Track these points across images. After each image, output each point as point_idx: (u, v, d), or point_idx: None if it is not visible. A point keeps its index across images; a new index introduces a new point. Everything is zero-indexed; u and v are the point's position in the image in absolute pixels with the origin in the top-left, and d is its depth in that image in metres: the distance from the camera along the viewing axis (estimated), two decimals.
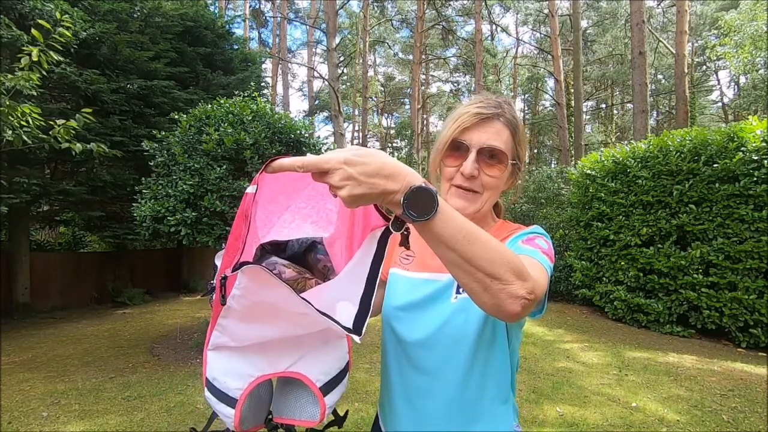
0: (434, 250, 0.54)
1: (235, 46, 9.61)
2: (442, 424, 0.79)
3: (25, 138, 3.75)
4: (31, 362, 4.39)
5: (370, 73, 27.37)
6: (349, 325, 0.62)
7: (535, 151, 33.00)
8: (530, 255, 0.70)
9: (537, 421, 2.85)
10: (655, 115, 26.18)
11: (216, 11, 11.50)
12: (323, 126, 32.15)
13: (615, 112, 28.67)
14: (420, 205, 0.50)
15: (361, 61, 24.00)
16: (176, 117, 4.83)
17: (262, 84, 11.91)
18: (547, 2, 17.53)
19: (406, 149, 26.58)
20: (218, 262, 0.77)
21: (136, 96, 6.90)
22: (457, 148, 0.78)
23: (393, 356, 0.86)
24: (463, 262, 0.53)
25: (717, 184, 4.52)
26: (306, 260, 0.90)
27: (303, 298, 0.61)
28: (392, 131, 32.88)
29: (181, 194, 4.08)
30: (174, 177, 4.26)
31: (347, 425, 2.47)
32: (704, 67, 24.31)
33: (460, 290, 0.78)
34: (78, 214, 8.48)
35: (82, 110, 3.99)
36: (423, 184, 0.51)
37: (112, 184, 6.89)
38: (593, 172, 5.89)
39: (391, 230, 0.58)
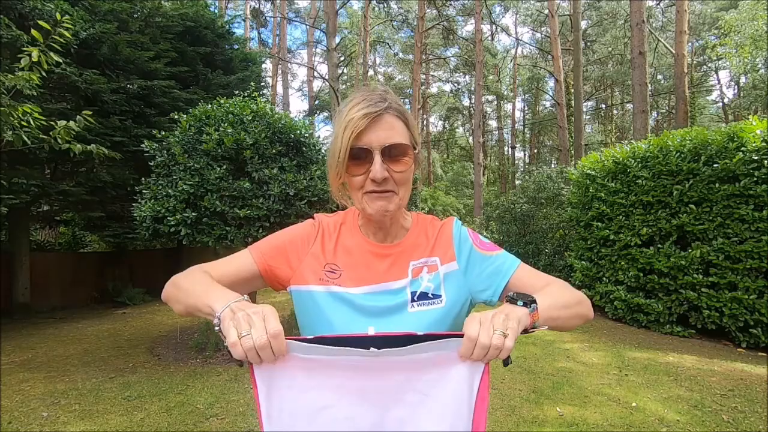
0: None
1: (235, 46, 9.60)
2: None
3: (25, 138, 3.75)
4: (31, 362, 4.39)
5: (370, 73, 27.37)
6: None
7: (535, 151, 33.01)
8: (514, 264, 0.83)
9: (537, 421, 2.85)
10: (655, 115, 26.19)
11: (216, 11, 11.50)
12: (323, 126, 32.14)
13: (615, 112, 28.70)
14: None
15: (361, 61, 23.99)
16: (176, 117, 4.82)
17: (262, 84, 11.91)
18: (547, 2, 17.52)
19: None
20: None
21: (136, 96, 6.89)
22: (357, 155, 0.73)
23: None
24: (569, 320, 0.76)
25: (717, 184, 4.51)
26: None
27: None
28: None
29: (181, 194, 4.08)
30: (174, 177, 4.26)
31: None
32: (704, 67, 24.32)
33: (415, 298, 0.77)
34: (78, 214, 8.48)
35: (83, 112, 3.98)
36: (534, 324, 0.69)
37: (112, 184, 6.89)
38: (593, 172, 5.88)
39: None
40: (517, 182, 25.47)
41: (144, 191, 4.37)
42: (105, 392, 3.50)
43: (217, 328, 0.61)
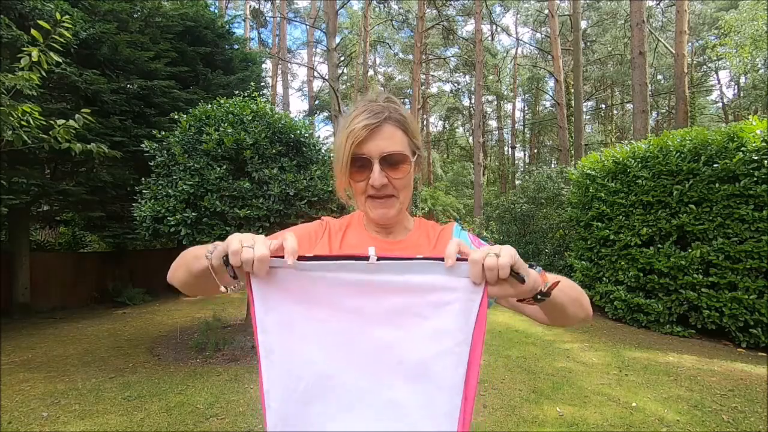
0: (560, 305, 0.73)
1: (235, 46, 9.60)
2: None
3: (25, 138, 3.75)
4: (31, 362, 4.39)
5: (370, 73, 27.37)
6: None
7: (535, 151, 33.00)
8: None
9: (537, 421, 2.85)
10: (655, 115, 26.18)
11: (216, 11, 11.50)
12: (323, 126, 32.17)
13: (615, 112, 28.68)
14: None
15: (361, 61, 24.00)
16: (176, 117, 4.82)
17: (262, 84, 11.91)
18: (547, 2, 17.53)
19: None
20: None
21: (136, 96, 6.89)
22: (358, 163, 0.79)
23: None
24: (574, 303, 0.76)
25: (717, 184, 4.51)
26: None
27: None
28: None
29: (181, 194, 4.08)
30: (174, 177, 4.26)
31: None
32: (704, 67, 24.31)
33: None
34: (78, 214, 8.48)
35: (82, 110, 3.98)
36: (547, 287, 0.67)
37: (112, 184, 6.89)
38: (593, 172, 5.88)
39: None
40: (517, 182, 25.48)
41: (144, 191, 4.37)
42: (105, 392, 3.50)
43: (209, 255, 0.63)
